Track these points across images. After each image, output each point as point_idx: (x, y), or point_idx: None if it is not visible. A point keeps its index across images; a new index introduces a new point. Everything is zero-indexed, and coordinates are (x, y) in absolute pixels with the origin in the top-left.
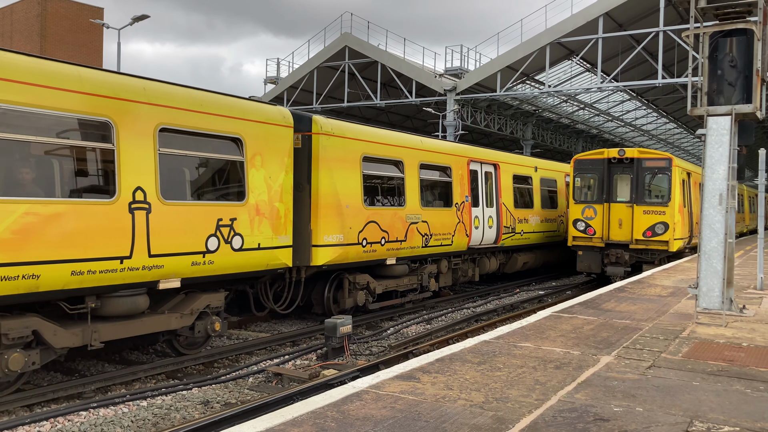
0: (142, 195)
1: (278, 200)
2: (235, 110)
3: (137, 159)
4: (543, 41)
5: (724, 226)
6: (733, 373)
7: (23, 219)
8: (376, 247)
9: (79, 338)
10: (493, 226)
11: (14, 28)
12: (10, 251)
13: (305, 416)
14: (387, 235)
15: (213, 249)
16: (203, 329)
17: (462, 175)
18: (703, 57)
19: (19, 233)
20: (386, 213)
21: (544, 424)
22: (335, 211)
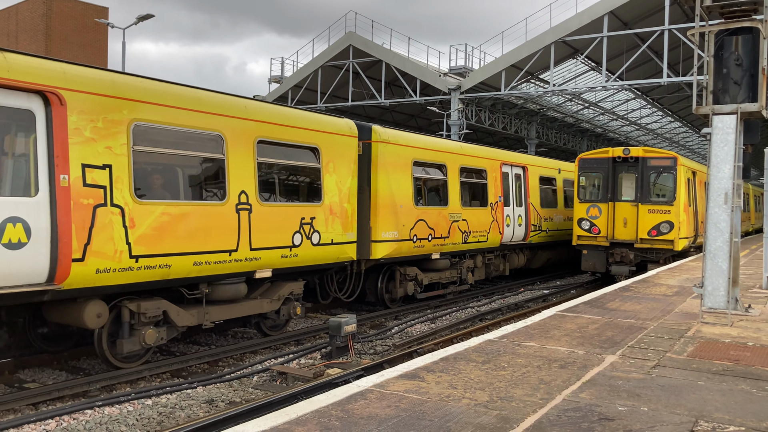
0: (245, 197)
1: (346, 201)
2: (313, 123)
3: (241, 167)
4: (548, 40)
5: (729, 225)
6: (738, 373)
7: (160, 218)
8: (424, 243)
9: (195, 318)
10: (522, 224)
11: (19, 28)
12: (150, 245)
13: (309, 415)
14: (433, 232)
15: (297, 244)
16: (287, 313)
17: (496, 177)
18: (709, 55)
19: (157, 230)
20: (432, 212)
21: (548, 423)
22: (391, 210)
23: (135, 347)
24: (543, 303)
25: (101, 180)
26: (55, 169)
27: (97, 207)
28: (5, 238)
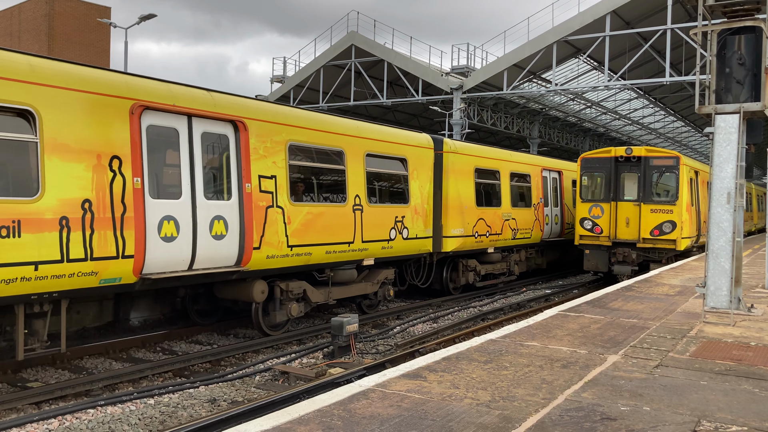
0: (359, 200)
1: (426, 203)
2: (402, 138)
3: (355, 175)
4: (550, 39)
5: (732, 224)
6: (741, 373)
7: (306, 217)
8: (483, 239)
9: (323, 297)
10: (558, 223)
11: (22, 28)
12: (300, 237)
13: (312, 414)
14: (490, 229)
15: (392, 238)
16: (382, 294)
17: (537, 181)
18: (711, 55)
19: (304, 226)
20: (489, 212)
21: (550, 423)
22: (458, 210)
23: (283, 318)
24: (545, 303)
25: (270, 187)
26: (242, 179)
27: (268, 208)
28: (214, 231)
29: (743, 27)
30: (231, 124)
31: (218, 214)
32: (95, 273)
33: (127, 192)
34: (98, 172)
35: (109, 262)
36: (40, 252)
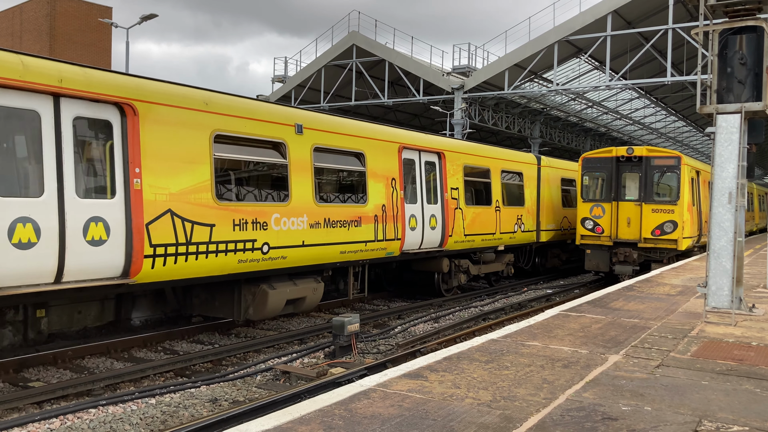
0: (498, 204)
1: (533, 205)
2: (520, 158)
3: (496, 187)
4: (551, 39)
5: (733, 224)
6: (742, 373)
7: (473, 215)
8: (566, 232)
9: (476, 271)
10: None
11: (24, 28)
12: (469, 229)
13: (313, 414)
14: (570, 224)
15: (515, 231)
16: (506, 272)
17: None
18: (713, 54)
19: (472, 221)
20: (570, 212)
21: (551, 423)
22: (550, 210)
23: (454, 284)
24: (546, 302)
25: (456, 195)
26: (444, 189)
27: (455, 209)
28: (431, 224)
29: (745, 27)
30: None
31: (432, 213)
32: (384, 248)
33: None
34: None
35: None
36: None
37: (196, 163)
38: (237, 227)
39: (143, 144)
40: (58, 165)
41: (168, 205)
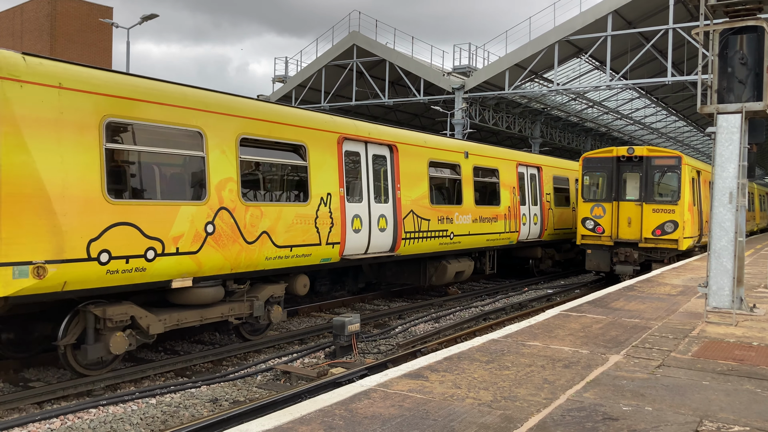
0: (574, 205)
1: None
2: (569, 165)
3: (572, 191)
4: (551, 39)
5: (734, 224)
6: (743, 373)
7: (559, 213)
8: None
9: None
10: None
11: (24, 28)
12: (557, 224)
13: (313, 414)
14: None
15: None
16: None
17: None
18: (713, 54)
19: (558, 218)
20: None
21: (552, 423)
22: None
23: (544, 267)
24: (547, 302)
25: (548, 199)
26: (542, 195)
27: (549, 209)
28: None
29: (745, 27)
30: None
31: (535, 213)
32: (508, 238)
33: None
34: None
35: (512, 234)
36: None
37: (421, 180)
38: (439, 221)
39: (401, 169)
40: (367, 182)
41: (411, 207)
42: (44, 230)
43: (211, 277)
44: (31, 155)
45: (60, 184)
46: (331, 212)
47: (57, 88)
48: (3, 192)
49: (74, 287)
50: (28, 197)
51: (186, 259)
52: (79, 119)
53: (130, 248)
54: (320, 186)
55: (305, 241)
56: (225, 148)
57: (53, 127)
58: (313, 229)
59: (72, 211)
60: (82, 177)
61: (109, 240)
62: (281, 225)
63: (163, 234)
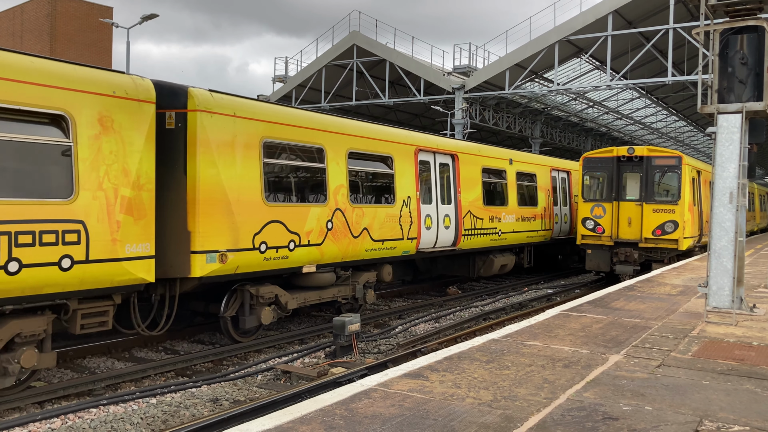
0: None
1: None
2: None
3: (576, 190)
4: (552, 39)
5: (734, 224)
6: (743, 372)
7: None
8: None
9: None
10: None
11: (24, 28)
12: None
13: (314, 414)
14: None
15: None
16: None
17: None
18: (714, 54)
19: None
20: None
21: (552, 422)
22: None
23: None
24: (547, 302)
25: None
26: (570, 196)
27: (575, 210)
28: (564, 220)
29: (745, 26)
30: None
31: (565, 213)
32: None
33: None
34: None
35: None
36: None
37: (476, 185)
38: (490, 220)
39: (461, 175)
40: (435, 187)
41: (468, 208)
42: (226, 227)
43: (327, 265)
44: (218, 169)
45: (236, 191)
46: (411, 212)
47: (232, 116)
48: (201, 198)
49: (243, 270)
50: (216, 202)
51: (313, 250)
52: (247, 140)
53: (279, 240)
54: (402, 190)
55: (392, 236)
56: (339, 161)
57: (230, 147)
58: (398, 227)
59: (243, 212)
60: (249, 185)
61: (266, 234)
62: (376, 222)
63: (300, 229)
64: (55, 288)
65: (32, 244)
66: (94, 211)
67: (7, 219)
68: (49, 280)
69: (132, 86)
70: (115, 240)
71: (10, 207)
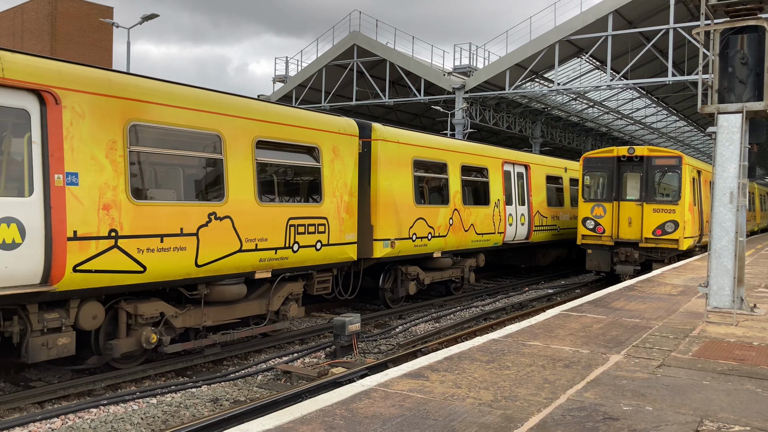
0: None
1: None
2: None
3: None
4: (552, 39)
5: (734, 224)
6: (743, 372)
7: None
8: None
9: None
10: None
11: (25, 28)
12: None
13: (314, 414)
14: None
15: None
16: None
17: None
18: (714, 54)
19: None
20: None
21: (552, 422)
22: None
23: None
24: (547, 302)
25: None
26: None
27: None
28: None
29: (746, 26)
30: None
31: None
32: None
33: None
34: None
35: None
36: None
37: (542, 189)
38: (552, 218)
39: (531, 182)
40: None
41: (537, 208)
42: (394, 222)
43: (448, 252)
44: (389, 181)
45: (399, 196)
46: (500, 212)
47: (396, 143)
48: (379, 201)
49: (402, 254)
50: (388, 204)
51: (441, 240)
52: (404, 160)
53: (422, 232)
54: (494, 195)
55: (488, 230)
56: (455, 172)
57: (395, 165)
58: (491, 223)
59: (403, 211)
60: (406, 192)
61: (415, 227)
62: (479, 220)
63: (434, 224)
64: (311, 262)
65: (304, 232)
66: (332, 211)
67: (293, 216)
68: (310, 257)
69: (346, 125)
70: (341, 230)
71: (294, 208)
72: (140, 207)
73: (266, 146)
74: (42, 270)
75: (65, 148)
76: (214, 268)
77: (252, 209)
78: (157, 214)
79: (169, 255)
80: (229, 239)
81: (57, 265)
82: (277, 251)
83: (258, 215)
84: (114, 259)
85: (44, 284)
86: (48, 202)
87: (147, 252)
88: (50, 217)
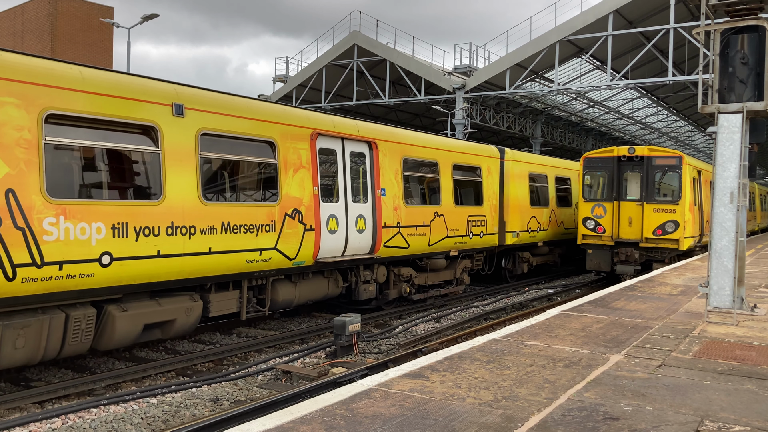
0: None
1: None
2: None
3: None
4: (552, 39)
5: (735, 224)
6: (744, 372)
7: None
8: None
9: None
10: None
11: (25, 28)
12: None
13: (314, 414)
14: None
15: None
16: None
17: None
18: (714, 54)
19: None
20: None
21: (553, 422)
22: None
23: None
24: (548, 302)
25: None
26: None
27: None
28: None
29: (746, 26)
30: None
31: None
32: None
33: None
34: None
35: None
36: None
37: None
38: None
39: (573, 187)
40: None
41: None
42: (518, 219)
43: (546, 242)
44: (515, 189)
45: (520, 200)
46: (575, 213)
47: (519, 162)
48: (510, 204)
49: (522, 242)
50: (514, 206)
51: (543, 233)
52: (522, 174)
53: (534, 227)
54: (573, 199)
55: (571, 226)
56: (552, 182)
57: (517, 178)
58: (573, 221)
59: (522, 212)
60: (524, 197)
61: (530, 223)
62: (565, 218)
63: (542, 221)
64: (477, 246)
65: (475, 225)
66: (488, 211)
67: (470, 214)
68: (477, 242)
69: (495, 151)
70: (492, 224)
71: (471, 209)
72: (410, 209)
73: (458, 169)
74: (371, 245)
75: (380, 174)
76: (435, 247)
77: (452, 210)
78: (416, 211)
79: (418, 238)
80: (443, 229)
81: (378, 242)
82: (462, 237)
83: (455, 214)
84: (398, 240)
85: (371, 253)
86: (375, 206)
87: (409, 236)
88: (375, 214)
